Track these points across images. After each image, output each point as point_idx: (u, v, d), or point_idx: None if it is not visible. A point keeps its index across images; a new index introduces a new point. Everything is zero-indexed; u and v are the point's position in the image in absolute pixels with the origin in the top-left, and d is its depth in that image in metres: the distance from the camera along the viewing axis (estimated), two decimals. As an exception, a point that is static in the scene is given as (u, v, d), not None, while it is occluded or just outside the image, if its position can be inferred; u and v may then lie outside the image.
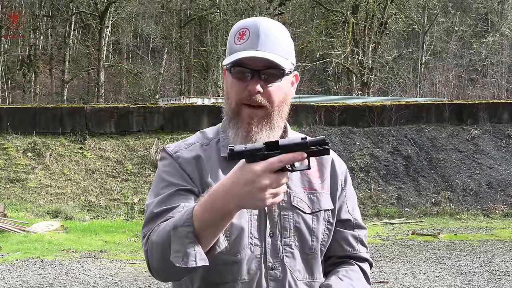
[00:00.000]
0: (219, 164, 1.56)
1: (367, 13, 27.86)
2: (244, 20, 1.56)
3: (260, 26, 1.50)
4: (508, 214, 12.16)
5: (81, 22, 32.63)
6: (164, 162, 1.59)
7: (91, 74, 32.35)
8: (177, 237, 1.31)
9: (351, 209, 1.66)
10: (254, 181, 1.24)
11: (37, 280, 7.12)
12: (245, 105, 1.51)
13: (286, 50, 1.52)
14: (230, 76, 1.53)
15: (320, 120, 14.46)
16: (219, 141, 1.60)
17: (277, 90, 1.51)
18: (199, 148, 1.59)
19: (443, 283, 6.96)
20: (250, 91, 1.48)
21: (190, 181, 1.52)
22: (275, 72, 1.49)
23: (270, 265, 1.51)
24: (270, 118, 1.52)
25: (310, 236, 1.56)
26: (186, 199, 1.48)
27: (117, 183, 12.90)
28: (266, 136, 1.51)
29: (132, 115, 14.47)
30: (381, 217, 12.07)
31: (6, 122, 14.07)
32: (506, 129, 14.55)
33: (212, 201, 1.30)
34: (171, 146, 1.61)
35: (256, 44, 1.48)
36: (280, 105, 1.53)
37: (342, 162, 1.70)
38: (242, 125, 1.52)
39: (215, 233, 1.34)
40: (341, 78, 32.31)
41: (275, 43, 1.50)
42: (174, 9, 32.36)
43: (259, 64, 1.48)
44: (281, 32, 1.53)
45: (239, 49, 1.49)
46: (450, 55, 33.63)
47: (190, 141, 1.62)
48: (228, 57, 1.51)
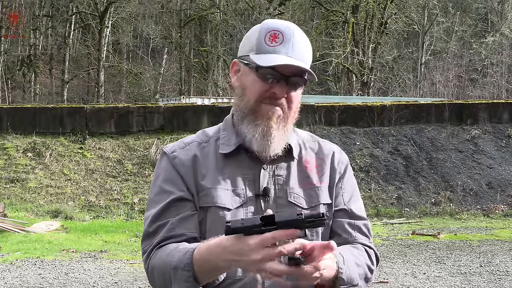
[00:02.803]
0: (216, 161, 1.57)
1: (367, 13, 27.86)
2: (274, 21, 1.57)
3: (294, 32, 1.54)
4: (508, 214, 12.16)
5: (81, 22, 32.62)
6: (161, 162, 1.62)
7: (91, 74, 32.34)
8: (177, 279, 1.41)
9: (347, 200, 1.64)
10: (246, 254, 1.29)
11: (37, 280, 7.12)
12: (263, 103, 1.53)
13: (310, 60, 1.58)
14: (252, 73, 1.53)
15: (320, 120, 14.46)
16: (219, 139, 1.61)
17: (297, 96, 1.56)
18: (196, 147, 1.61)
19: (443, 283, 6.97)
20: (277, 95, 1.51)
21: (183, 185, 1.55)
22: (299, 80, 1.53)
23: None
24: (286, 122, 1.56)
25: (309, 231, 1.54)
26: (178, 210, 1.52)
27: (117, 183, 12.90)
28: (280, 135, 1.54)
29: (132, 115, 14.47)
30: (381, 217, 12.07)
31: (6, 122, 14.07)
32: (506, 129, 14.55)
33: (208, 255, 1.37)
34: (169, 146, 1.64)
35: (290, 50, 1.51)
36: (295, 111, 1.58)
37: (342, 154, 1.70)
38: (262, 121, 1.53)
39: (212, 277, 1.43)
40: (341, 78, 32.30)
41: (304, 52, 1.55)
42: (174, 9, 32.35)
43: (289, 70, 1.50)
44: (308, 42, 1.58)
45: (272, 51, 1.51)
46: (450, 55, 33.62)
47: (188, 140, 1.64)
48: (258, 55, 1.52)
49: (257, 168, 1.57)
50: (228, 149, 1.58)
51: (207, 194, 1.54)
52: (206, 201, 1.53)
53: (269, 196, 1.55)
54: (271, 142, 1.53)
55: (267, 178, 1.57)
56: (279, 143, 1.55)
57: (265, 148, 1.54)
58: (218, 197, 1.53)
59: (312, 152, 1.65)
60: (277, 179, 1.58)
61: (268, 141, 1.53)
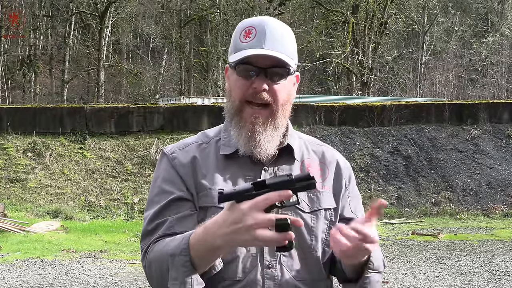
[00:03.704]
0: (217, 163, 1.57)
1: (367, 13, 27.85)
2: (250, 19, 1.56)
3: (267, 25, 1.51)
4: (508, 214, 12.16)
5: (81, 22, 32.62)
6: (161, 163, 1.62)
7: (91, 74, 32.33)
8: (174, 266, 1.38)
9: (353, 208, 1.66)
10: (240, 220, 1.27)
11: (37, 280, 7.13)
12: (248, 104, 1.51)
13: (291, 50, 1.53)
14: (235, 74, 1.53)
15: (320, 120, 14.46)
16: (219, 140, 1.60)
17: (282, 88, 1.52)
18: (196, 148, 1.60)
19: (443, 283, 6.96)
20: (256, 89, 1.48)
21: (182, 186, 1.54)
22: (280, 71, 1.50)
23: (267, 263, 1.50)
24: (274, 117, 1.52)
25: (309, 235, 1.55)
26: (178, 209, 1.52)
27: (117, 183, 12.90)
28: (270, 136, 1.52)
29: (132, 115, 14.47)
30: (381, 217, 12.07)
31: (6, 122, 14.07)
32: (506, 129, 14.55)
33: (204, 235, 1.35)
34: (169, 147, 1.64)
35: (263, 42, 1.48)
36: (284, 104, 1.54)
37: (346, 162, 1.71)
38: (245, 125, 1.52)
39: (209, 261, 1.39)
40: (341, 78, 32.30)
41: (281, 42, 1.51)
42: (174, 9, 32.35)
43: (266, 62, 1.48)
44: (287, 32, 1.54)
45: (245, 47, 1.49)
46: (450, 55, 33.62)
47: (188, 141, 1.64)
48: (234, 55, 1.52)
49: (258, 169, 1.56)
50: (229, 150, 1.57)
51: (207, 194, 1.52)
52: (206, 201, 1.52)
53: None
54: (257, 146, 1.51)
55: None
56: (270, 143, 1.52)
57: (253, 151, 1.52)
58: None
59: (315, 156, 1.65)
60: None
61: (253, 145, 1.51)
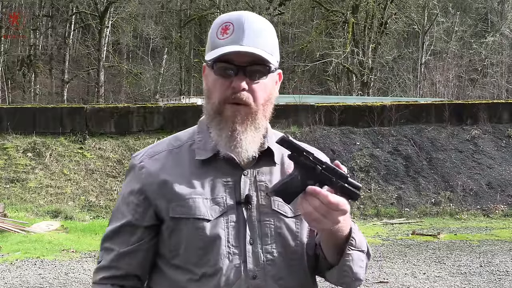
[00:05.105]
0: (191, 168, 1.47)
1: (367, 13, 27.85)
2: (227, 14, 1.47)
3: (245, 20, 1.41)
4: (508, 214, 12.16)
5: (81, 22, 32.62)
6: (128, 174, 1.54)
7: (91, 74, 32.32)
8: None
9: None
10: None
11: (37, 280, 7.13)
12: (228, 104, 1.42)
13: (271, 46, 1.44)
14: (212, 72, 1.44)
15: (320, 120, 14.46)
16: (193, 143, 1.50)
17: (263, 87, 1.43)
18: (165, 156, 1.50)
19: (443, 283, 6.96)
20: (235, 88, 1.40)
21: (141, 206, 1.47)
22: (260, 68, 1.41)
23: (251, 274, 1.42)
24: (254, 117, 1.44)
25: (293, 241, 1.47)
26: (128, 238, 1.48)
27: (117, 183, 12.90)
28: (251, 136, 1.43)
29: (132, 115, 14.47)
30: (381, 217, 12.07)
31: (6, 122, 14.07)
32: (506, 129, 14.55)
33: None
34: (139, 154, 1.53)
35: (241, 38, 1.39)
36: (265, 103, 1.45)
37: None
38: (226, 124, 1.43)
39: None
40: (341, 78, 32.29)
41: (260, 38, 1.41)
42: (174, 9, 32.37)
43: (244, 59, 1.40)
44: (266, 27, 1.44)
45: (222, 44, 1.40)
46: (450, 55, 33.60)
47: (158, 148, 1.53)
48: (211, 52, 1.43)
49: (237, 173, 1.46)
50: (205, 154, 1.47)
51: (182, 204, 1.43)
52: (182, 212, 1.43)
53: (251, 203, 1.45)
54: (237, 147, 1.43)
55: (248, 184, 1.46)
56: (251, 144, 1.44)
57: (233, 152, 1.44)
58: (196, 208, 1.42)
59: None
60: (259, 185, 1.47)
61: (233, 145, 1.43)
